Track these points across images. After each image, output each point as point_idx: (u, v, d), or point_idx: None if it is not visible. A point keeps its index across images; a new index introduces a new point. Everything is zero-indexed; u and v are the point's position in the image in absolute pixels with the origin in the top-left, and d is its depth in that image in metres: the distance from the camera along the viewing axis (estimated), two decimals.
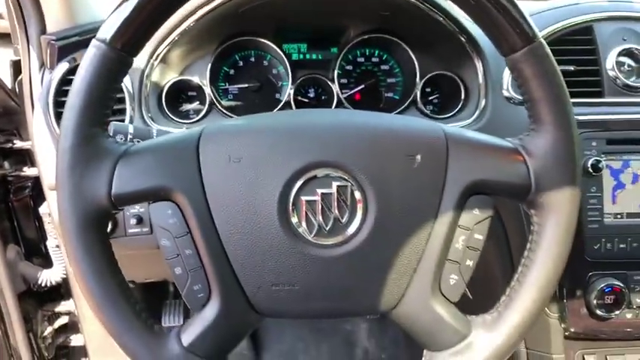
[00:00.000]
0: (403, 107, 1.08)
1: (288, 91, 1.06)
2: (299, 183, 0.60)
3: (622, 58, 1.03)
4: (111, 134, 0.75)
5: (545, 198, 0.62)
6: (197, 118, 1.05)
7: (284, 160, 0.60)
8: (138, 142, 0.74)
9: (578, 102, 1.00)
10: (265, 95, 1.12)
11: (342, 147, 0.60)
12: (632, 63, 1.03)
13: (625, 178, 0.96)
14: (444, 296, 0.63)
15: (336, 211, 0.60)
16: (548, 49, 0.60)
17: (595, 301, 0.95)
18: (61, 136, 0.58)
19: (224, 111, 1.05)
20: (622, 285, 0.95)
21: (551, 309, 1.00)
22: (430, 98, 1.12)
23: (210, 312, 0.61)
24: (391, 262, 0.61)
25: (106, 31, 0.57)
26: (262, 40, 1.05)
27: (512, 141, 0.65)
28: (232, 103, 1.11)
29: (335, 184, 0.60)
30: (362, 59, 1.13)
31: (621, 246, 0.95)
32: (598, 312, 0.95)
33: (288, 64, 1.06)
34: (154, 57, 0.99)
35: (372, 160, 0.61)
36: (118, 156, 0.59)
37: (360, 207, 0.61)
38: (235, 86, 1.11)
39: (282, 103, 1.06)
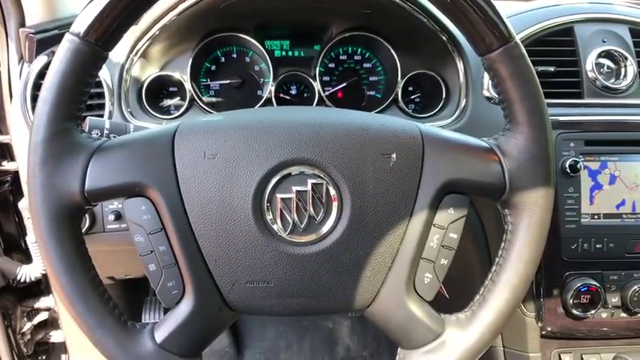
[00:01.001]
0: (384, 105, 1.08)
1: (270, 88, 1.06)
2: (274, 180, 0.60)
3: (602, 60, 1.03)
4: (87, 129, 0.74)
5: (519, 198, 0.62)
6: (177, 114, 1.04)
7: (259, 157, 0.60)
8: (114, 137, 0.73)
9: (558, 103, 1.01)
10: (247, 91, 1.11)
11: (318, 145, 0.60)
12: (612, 64, 1.04)
13: (602, 179, 0.97)
14: (419, 295, 0.63)
15: (311, 209, 0.60)
16: (523, 50, 0.61)
17: (571, 301, 0.96)
18: (33, 129, 0.57)
19: (204, 107, 1.05)
20: (598, 285, 0.96)
21: (528, 308, 1.01)
22: (412, 97, 1.13)
23: (184, 309, 0.61)
24: (366, 261, 0.62)
25: (80, 25, 0.56)
26: (244, 37, 1.05)
27: (487, 141, 0.65)
28: (213, 99, 1.10)
29: (310, 181, 0.60)
30: (344, 57, 1.13)
31: (598, 246, 0.96)
32: (574, 311, 0.96)
33: (269, 61, 1.06)
34: (134, 52, 0.98)
35: (348, 159, 0.61)
36: (91, 151, 0.59)
37: (335, 205, 0.61)
38: (217, 82, 1.11)
39: (263, 100, 1.05)
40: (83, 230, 0.89)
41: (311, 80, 1.08)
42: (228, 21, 1.04)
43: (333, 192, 0.61)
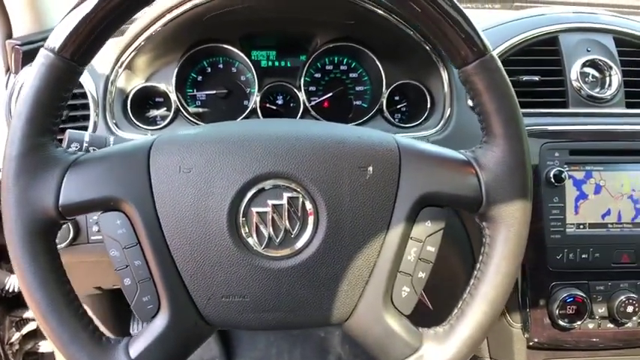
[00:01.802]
0: (370, 115, 1.08)
1: (255, 99, 1.06)
2: (249, 194, 0.60)
3: (586, 69, 1.03)
4: (66, 142, 0.74)
5: (496, 210, 0.62)
6: (163, 125, 1.04)
7: (235, 171, 0.60)
8: (94, 150, 0.73)
9: (543, 112, 1.01)
10: (233, 102, 1.11)
11: (294, 158, 0.60)
12: (596, 74, 1.04)
13: (587, 189, 0.97)
14: (396, 308, 0.63)
15: (287, 223, 0.60)
16: (499, 63, 0.61)
17: (557, 311, 0.96)
18: (7, 144, 0.57)
19: (190, 118, 1.05)
20: (584, 295, 0.95)
21: (515, 319, 1.00)
22: (398, 107, 1.13)
23: (159, 323, 0.60)
24: (342, 275, 0.61)
25: (55, 40, 0.56)
26: (229, 47, 1.05)
27: (464, 153, 0.65)
28: (200, 110, 1.10)
29: (286, 195, 0.60)
30: (331, 67, 1.13)
31: (583, 256, 0.96)
32: (560, 322, 0.96)
33: (254, 72, 1.06)
34: (119, 63, 0.98)
35: (324, 172, 0.60)
36: (66, 165, 0.59)
37: (311, 219, 0.61)
38: (203, 92, 1.11)
39: (248, 110, 1.05)
40: (67, 241, 0.88)
41: (296, 91, 1.08)
42: (213, 32, 1.04)
43: (309, 206, 0.60)
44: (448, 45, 0.61)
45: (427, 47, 1.01)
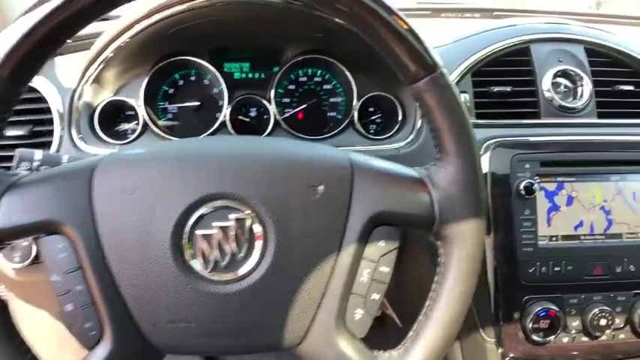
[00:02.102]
0: (342, 127, 1.07)
1: (224, 112, 1.05)
2: (195, 216, 0.58)
3: (558, 79, 1.02)
4: (16, 161, 0.72)
5: (449, 230, 0.61)
6: (131, 139, 1.03)
7: (179, 191, 0.58)
8: (45, 169, 0.72)
9: (514, 123, 1.00)
10: (205, 115, 1.10)
11: (241, 178, 0.59)
12: (569, 84, 1.03)
13: (559, 200, 0.95)
14: (349, 332, 0.62)
15: (234, 246, 0.59)
16: (449, 80, 0.60)
17: (531, 326, 0.94)
18: None
19: (158, 131, 1.03)
20: (557, 309, 0.94)
21: (488, 333, 0.99)
22: (372, 118, 1.12)
23: (102, 351, 0.59)
24: (293, 298, 0.60)
25: None
26: (197, 60, 1.04)
27: (419, 170, 0.64)
28: (170, 123, 1.09)
29: (232, 216, 0.59)
30: (305, 79, 1.12)
31: (556, 269, 0.94)
32: (534, 337, 0.94)
33: (224, 84, 1.05)
34: (85, 77, 0.97)
35: (272, 192, 0.59)
36: (4, 188, 0.57)
37: (258, 241, 0.59)
38: (175, 105, 1.09)
39: (217, 124, 1.04)
40: (30, 259, 0.87)
41: (266, 103, 1.07)
42: (182, 44, 1.03)
43: (256, 227, 0.59)
44: (398, 62, 0.60)
45: None
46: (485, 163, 0.94)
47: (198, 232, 0.58)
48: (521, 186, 0.92)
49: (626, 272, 0.95)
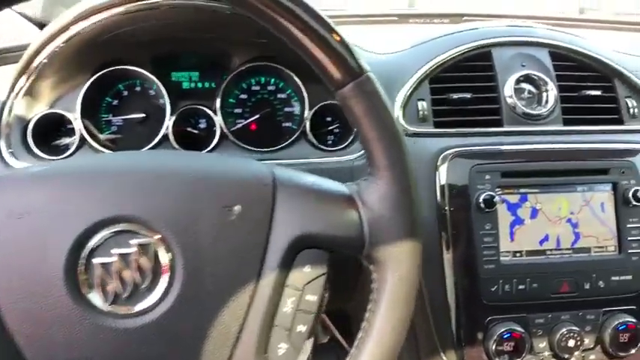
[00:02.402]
0: (294, 138, 1.01)
1: (166, 123, 0.98)
2: (91, 243, 0.52)
3: (522, 85, 0.97)
4: None
5: (380, 253, 0.55)
6: (67, 154, 0.96)
7: (73, 215, 0.52)
8: None
9: (475, 132, 0.94)
10: (151, 127, 1.03)
11: (143, 197, 0.53)
12: (533, 89, 0.97)
13: (523, 213, 0.89)
14: None
15: (136, 275, 0.52)
16: (377, 86, 0.54)
17: (494, 348, 0.87)
18: None
19: (97, 145, 0.96)
20: (522, 330, 0.87)
21: (449, 356, 0.92)
22: (330, 128, 1.06)
23: None
24: (206, 332, 0.53)
25: None
26: (137, 69, 0.97)
27: (350, 186, 0.58)
28: (112, 136, 1.02)
29: (135, 242, 0.52)
30: (257, 87, 1.06)
31: (520, 287, 0.88)
32: None
33: (166, 95, 0.98)
34: (15, 90, 0.91)
35: (180, 213, 0.53)
36: None
37: (165, 269, 0.53)
38: (119, 117, 1.03)
39: (159, 136, 0.98)
40: None
41: (212, 114, 1.00)
42: (121, 53, 0.97)
43: (162, 253, 0.53)
44: (320, 66, 0.54)
45: None
46: (443, 175, 0.89)
47: (96, 260, 0.52)
48: (481, 198, 0.86)
49: (594, 289, 0.89)
